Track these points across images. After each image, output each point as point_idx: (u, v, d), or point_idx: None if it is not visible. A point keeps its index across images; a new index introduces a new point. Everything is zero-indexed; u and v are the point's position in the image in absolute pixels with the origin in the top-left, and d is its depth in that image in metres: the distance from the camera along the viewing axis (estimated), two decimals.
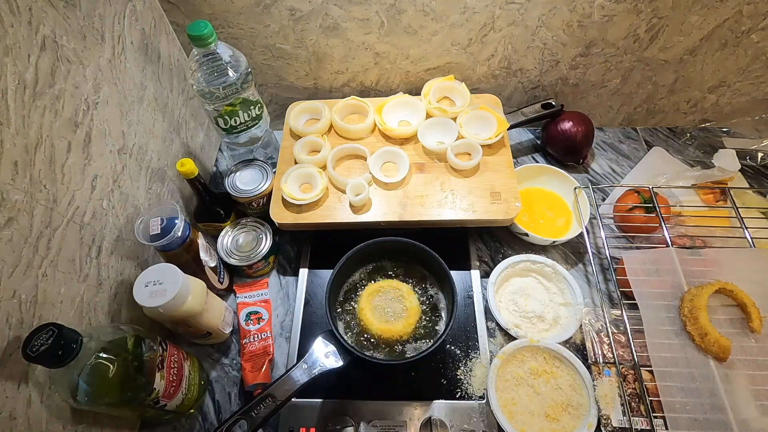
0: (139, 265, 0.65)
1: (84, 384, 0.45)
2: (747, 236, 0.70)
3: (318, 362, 0.57)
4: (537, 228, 0.77)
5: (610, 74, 0.85)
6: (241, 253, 0.72)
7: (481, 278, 0.74)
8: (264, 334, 0.68)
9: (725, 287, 0.62)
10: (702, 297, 0.61)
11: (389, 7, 0.72)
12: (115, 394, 0.48)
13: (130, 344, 0.50)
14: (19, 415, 0.45)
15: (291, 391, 0.54)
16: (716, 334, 0.58)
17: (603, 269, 0.75)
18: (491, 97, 0.83)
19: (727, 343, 0.58)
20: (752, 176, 0.86)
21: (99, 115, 0.57)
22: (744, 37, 0.77)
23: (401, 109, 0.81)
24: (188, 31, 0.61)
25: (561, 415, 0.60)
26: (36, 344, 0.41)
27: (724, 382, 0.58)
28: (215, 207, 0.75)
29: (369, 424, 0.61)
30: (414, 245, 0.65)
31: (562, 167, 0.82)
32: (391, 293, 0.65)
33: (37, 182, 0.48)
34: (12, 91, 0.45)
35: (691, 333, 0.61)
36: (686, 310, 0.62)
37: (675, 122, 0.95)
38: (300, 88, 0.88)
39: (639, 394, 0.61)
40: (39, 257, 0.48)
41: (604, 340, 0.66)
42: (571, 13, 0.73)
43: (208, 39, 0.62)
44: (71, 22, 0.53)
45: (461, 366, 0.66)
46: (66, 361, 0.43)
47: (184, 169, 0.65)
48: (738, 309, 0.62)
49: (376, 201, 0.72)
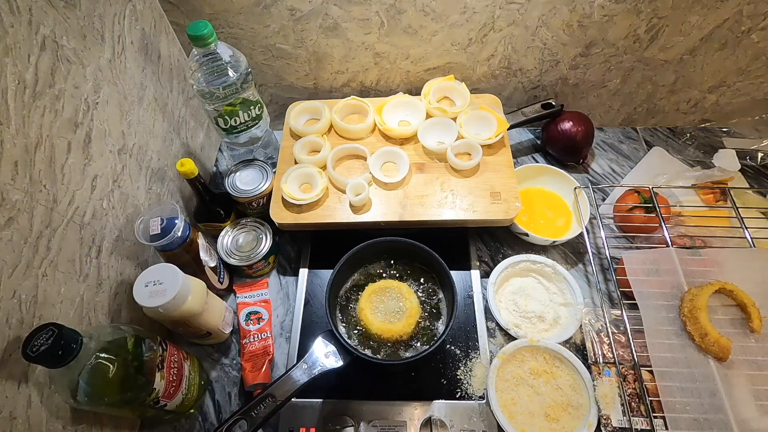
0: (139, 265, 0.65)
1: (84, 384, 0.45)
2: (747, 236, 0.70)
3: (318, 362, 0.57)
4: (537, 228, 0.77)
5: (610, 74, 0.85)
6: (241, 253, 0.72)
7: (481, 278, 0.74)
8: (264, 334, 0.68)
9: (725, 287, 0.62)
10: (702, 297, 0.61)
11: (389, 7, 0.72)
12: (115, 394, 0.48)
13: (130, 344, 0.50)
14: (19, 415, 0.45)
15: (291, 391, 0.54)
16: (716, 334, 0.58)
17: (603, 269, 0.75)
18: (491, 97, 0.83)
19: (727, 343, 0.58)
20: (752, 176, 0.86)
21: (99, 115, 0.57)
22: (744, 37, 0.77)
23: (401, 109, 0.81)
24: (188, 31, 0.61)
25: (561, 415, 0.60)
26: (36, 344, 0.41)
27: (724, 382, 0.58)
28: (215, 207, 0.75)
29: (369, 424, 0.61)
30: (414, 245, 0.65)
31: (562, 167, 0.82)
32: (391, 293, 0.65)
33: (37, 182, 0.48)
34: (12, 91, 0.45)
35: (691, 333, 0.61)
36: (686, 310, 0.62)
37: (675, 122, 0.95)
38: (300, 88, 0.88)
39: (639, 394, 0.61)
40: (39, 257, 0.48)
41: (604, 340, 0.66)
42: (571, 13, 0.73)
43: (208, 39, 0.62)
44: (71, 22, 0.53)
45: (461, 366, 0.66)
46: (66, 361, 0.43)
47: (184, 169, 0.65)
48: (738, 309, 0.62)
49: (376, 201, 0.72)
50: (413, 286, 0.67)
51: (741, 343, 0.60)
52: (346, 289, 0.68)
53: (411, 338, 0.63)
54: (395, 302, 0.65)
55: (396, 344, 0.63)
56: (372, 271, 0.69)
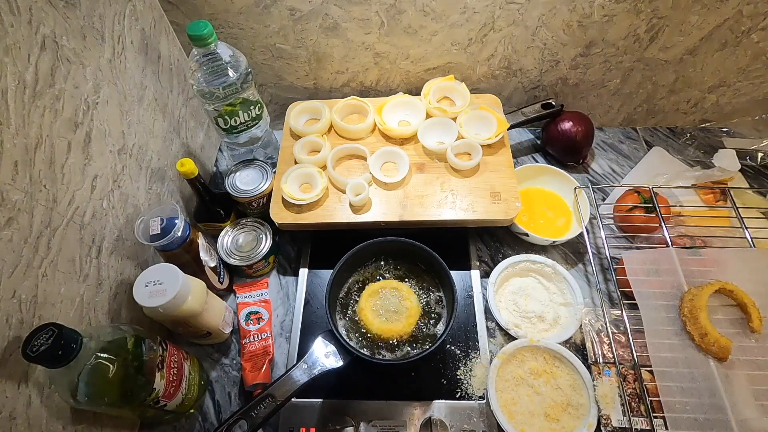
0: (139, 265, 0.65)
1: (84, 384, 0.45)
2: (747, 236, 0.70)
3: (318, 362, 0.57)
4: (537, 228, 0.77)
5: (610, 74, 0.85)
6: (241, 253, 0.72)
7: (481, 278, 0.74)
8: (264, 334, 0.68)
9: (725, 287, 0.62)
10: (702, 297, 0.61)
11: (389, 7, 0.72)
12: (115, 394, 0.48)
13: (130, 344, 0.50)
14: (19, 415, 0.45)
15: (291, 391, 0.54)
16: (716, 334, 0.58)
17: (603, 269, 0.75)
18: (491, 97, 0.83)
19: (727, 343, 0.58)
20: (752, 176, 0.86)
21: (99, 115, 0.57)
22: (744, 37, 0.77)
23: (401, 109, 0.81)
24: (188, 31, 0.61)
25: (561, 415, 0.60)
26: (36, 344, 0.41)
27: (724, 382, 0.58)
28: (215, 207, 0.75)
29: (369, 424, 0.61)
30: (414, 245, 0.65)
31: (562, 167, 0.82)
32: (390, 293, 0.65)
33: (37, 182, 0.48)
34: (12, 91, 0.45)
35: (691, 333, 0.61)
36: (686, 310, 0.62)
37: (675, 122, 0.95)
38: (300, 88, 0.88)
39: (639, 394, 0.61)
40: (39, 257, 0.48)
41: (604, 340, 0.66)
42: (571, 13, 0.73)
43: (208, 39, 0.62)
44: (71, 22, 0.53)
45: (461, 366, 0.66)
46: (66, 361, 0.43)
47: (184, 169, 0.65)
48: (738, 309, 0.62)
49: (376, 201, 0.72)
50: (413, 286, 0.67)
51: (741, 343, 0.60)
52: (346, 289, 0.68)
53: (411, 338, 0.63)
54: (395, 302, 0.65)
55: (396, 344, 0.63)
56: (372, 271, 0.69)
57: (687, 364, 0.60)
